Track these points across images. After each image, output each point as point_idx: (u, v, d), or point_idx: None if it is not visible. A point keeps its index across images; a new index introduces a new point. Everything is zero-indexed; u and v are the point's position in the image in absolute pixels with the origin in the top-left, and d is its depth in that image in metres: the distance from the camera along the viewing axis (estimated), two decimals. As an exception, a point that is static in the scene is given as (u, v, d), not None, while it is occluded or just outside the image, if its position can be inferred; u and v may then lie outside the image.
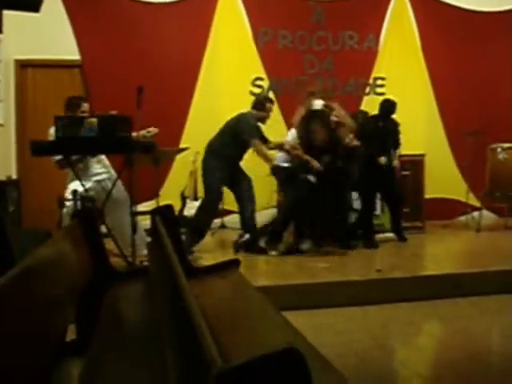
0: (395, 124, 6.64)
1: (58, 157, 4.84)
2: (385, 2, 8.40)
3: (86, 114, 5.01)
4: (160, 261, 2.26)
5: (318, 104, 6.18)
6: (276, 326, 1.94)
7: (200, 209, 6.00)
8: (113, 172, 5.27)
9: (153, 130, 5.28)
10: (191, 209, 7.13)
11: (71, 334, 2.66)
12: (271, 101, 6.30)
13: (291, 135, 6.33)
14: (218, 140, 5.97)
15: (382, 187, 6.50)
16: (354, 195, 6.66)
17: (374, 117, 6.68)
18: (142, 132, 5.34)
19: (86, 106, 5.16)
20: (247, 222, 5.97)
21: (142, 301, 2.56)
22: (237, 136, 5.86)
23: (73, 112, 5.05)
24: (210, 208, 5.94)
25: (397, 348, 3.60)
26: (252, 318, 2.15)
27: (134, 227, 4.51)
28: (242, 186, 6.00)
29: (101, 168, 5.23)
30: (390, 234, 6.72)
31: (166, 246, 2.17)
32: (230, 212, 7.53)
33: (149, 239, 4.64)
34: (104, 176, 5.22)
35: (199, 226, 5.85)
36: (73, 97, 5.28)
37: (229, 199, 6.92)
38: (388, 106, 6.59)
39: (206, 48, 7.75)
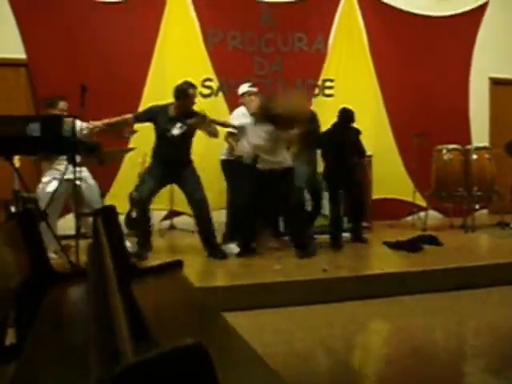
0: (356, 132, 6.59)
1: None
2: (334, 4, 8.54)
3: (64, 113, 5.06)
4: (98, 262, 2.24)
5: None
6: (210, 325, 1.95)
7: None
8: (86, 173, 5.29)
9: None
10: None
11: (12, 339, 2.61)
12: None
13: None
14: None
15: (347, 188, 6.50)
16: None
17: (334, 125, 6.56)
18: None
19: (62, 104, 5.20)
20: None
21: (81, 303, 2.53)
22: None
23: (52, 111, 5.18)
24: None
25: (339, 346, 3.64)
26: (187, 318, 2.16)
27: (78, 229, 4.45)
28: None
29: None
30: (346, 234, 6.65)
31: (104, 247, 2.15)
32: (179, 213, 7.52)
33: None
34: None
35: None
36: (50, 97, 5.35)
37: (178, 199, 6.91)
38: (348, 115, 6.50)
39: (155, 48, 7.73)
